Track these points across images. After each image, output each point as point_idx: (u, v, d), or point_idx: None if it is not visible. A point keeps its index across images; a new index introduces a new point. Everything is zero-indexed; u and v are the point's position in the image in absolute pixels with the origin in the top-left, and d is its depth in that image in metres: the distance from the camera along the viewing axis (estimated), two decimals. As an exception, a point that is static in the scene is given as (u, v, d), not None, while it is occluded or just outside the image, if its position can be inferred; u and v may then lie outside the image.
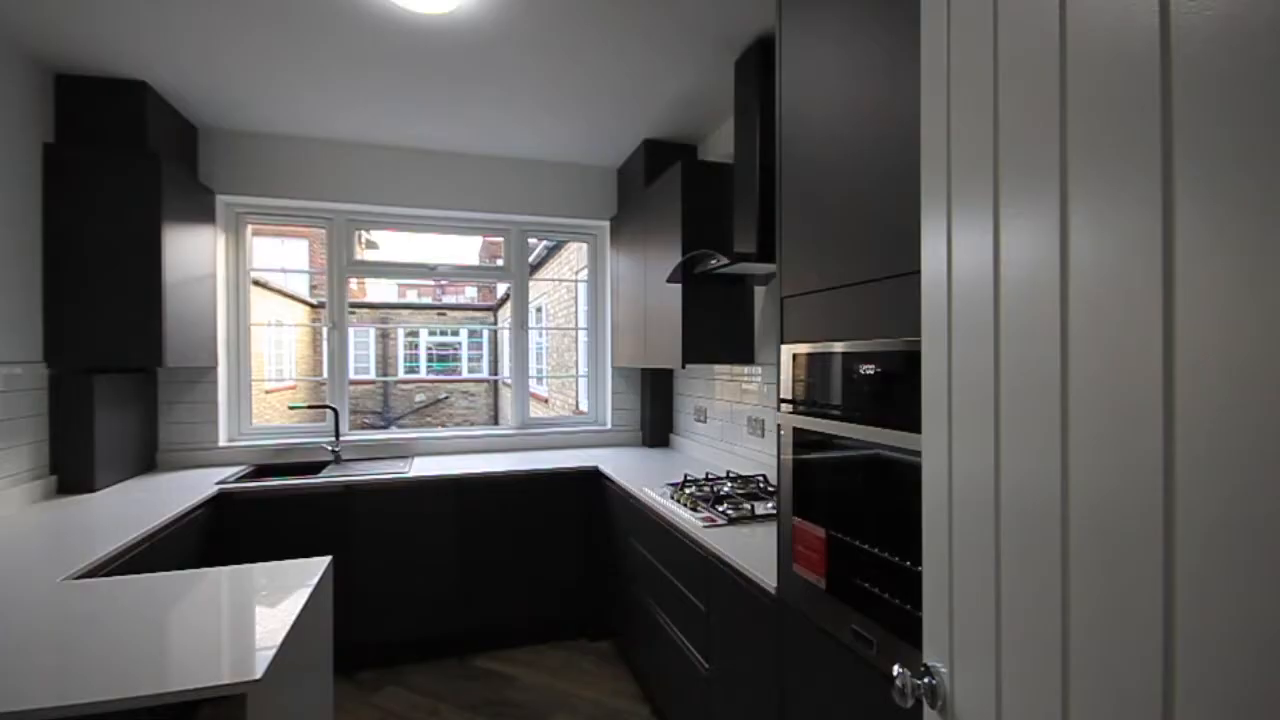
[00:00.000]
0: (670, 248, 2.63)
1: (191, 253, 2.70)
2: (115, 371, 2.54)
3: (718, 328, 2.63)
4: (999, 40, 0.72)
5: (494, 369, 12.22)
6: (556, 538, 2.91)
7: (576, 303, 6.14)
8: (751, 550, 1.68)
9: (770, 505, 2.08)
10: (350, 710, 2.39)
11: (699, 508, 2.08)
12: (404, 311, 12.54)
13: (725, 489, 2.28)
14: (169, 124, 2.66)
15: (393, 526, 2.69)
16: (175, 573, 1.59)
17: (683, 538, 1.97)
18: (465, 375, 12.49)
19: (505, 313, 11.64)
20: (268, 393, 7.81)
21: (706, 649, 1.83)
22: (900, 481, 1.03)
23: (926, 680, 0.83)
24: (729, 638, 1.70)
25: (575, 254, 6.21)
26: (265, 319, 7.45)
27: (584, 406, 3.91)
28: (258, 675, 1.03)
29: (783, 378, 1.39)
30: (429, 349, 12.53)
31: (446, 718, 2.36)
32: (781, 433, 1.39)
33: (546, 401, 7.99)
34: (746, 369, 2.73)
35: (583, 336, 3.90)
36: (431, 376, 12.15)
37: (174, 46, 2.21)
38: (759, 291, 2.64)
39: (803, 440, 1.32)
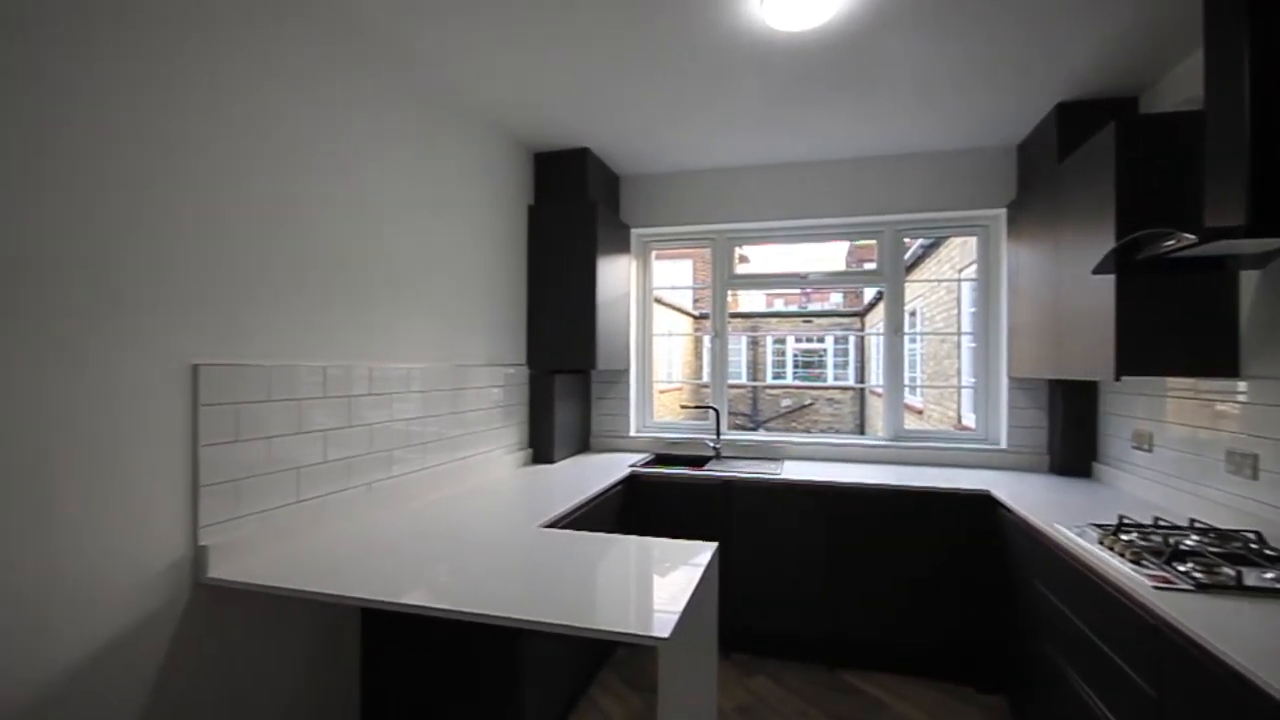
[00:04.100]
0: (1096, 230, 2.12)
1: (614, 277, 3.35)
2: (566, 372, 3.32)
3: (1172, 328, 2.00)
4: None
5: (860, 376, 11.83)
6: (935, 563, 2.64)
7: (959, 304, 5.48)
8: (1240, 633, 1.22)
9: (1274, 576, 1.47)
10: (727, 687, 2.61)
11: (1144, 561, 1.61)
12: (771, 320, 13.16)
13: (1189, 542, 1.71)
14: (601, 177, 3.36)
15: (764, 524, 2.84)
16: (600, 534, 1.97)
17: (1119, 596, 1.55)
18: (830, 382, 12.40)
19: (873, 318, 11.15)
20: (660, 393, 9.14)
21: (1158, 748, 1.40)
22: None
23: None
24: (1199, 744, 1.27)
25: (959, 250, 5.56)
26: (660, 329, 8.73)
27: (968, 421, 3.46)
28: (667, 634, 1.20)
29: (1308, 398, 0.97)
30: (795, 355, 12.87)
31: (815, 724, 2.37)
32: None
33: (921, 413, 7.34)
34: (1223, 384, 2.01)
35: (967, 341, 3.45)
36: (797, 383, 12.43)
37: (607, 120, 2.80)
38: (1247, 278, 1.92)
39: (1352, 491, 0.89)
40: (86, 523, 1.30)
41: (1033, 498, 2.45)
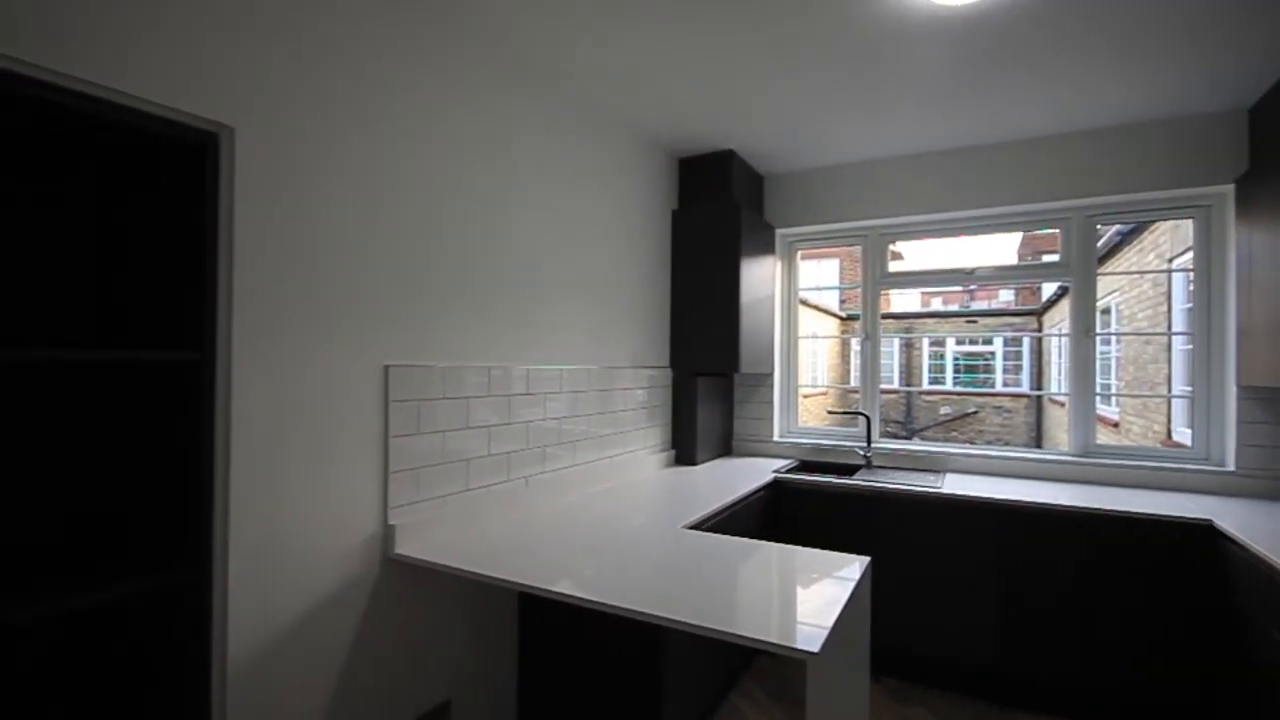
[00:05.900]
0: (1370, 205, 1.70)
1: (757, 280, 3.30)
2: (709, 375, 3.33)
3: None
4: None
5: (1036, 382, 10.53)
6: (1133, 601, 2.27)
7: (1169, 300, 4.68)
8: None
9: None
10: (879, 713, 2.45)
11: None
12: (928, 320, 12.15)
13: None
14: (745, 178, 3.33)
15: (922, 540, 2.63)
16: (743, 539, 1.94)
17: (1406, 663, 1.23)
18: (999, 389, 11.18)
19: (1054, 316, 9.86)
20: (805, 397, 8.83)
21: None
22: None
23: None
24: None
25: (1168, 235, 4.75)
26: (805, 332, 8.43)
27: (1181, 436, 2.93)
28: (816, 649, 1.16)
29: None
30: (955, 359, 11.77)
31: (983, 765, 2.15)
32: None
33: (1116, 425, 6.36)
34: None
35: (1179, 344, 2.94)
36: (958, 389, 11.35)
37: (755, 120, 2.77)
38: None
39: None
40: (308, 499, 1.54)
41: (1273, 531, 2.02)
